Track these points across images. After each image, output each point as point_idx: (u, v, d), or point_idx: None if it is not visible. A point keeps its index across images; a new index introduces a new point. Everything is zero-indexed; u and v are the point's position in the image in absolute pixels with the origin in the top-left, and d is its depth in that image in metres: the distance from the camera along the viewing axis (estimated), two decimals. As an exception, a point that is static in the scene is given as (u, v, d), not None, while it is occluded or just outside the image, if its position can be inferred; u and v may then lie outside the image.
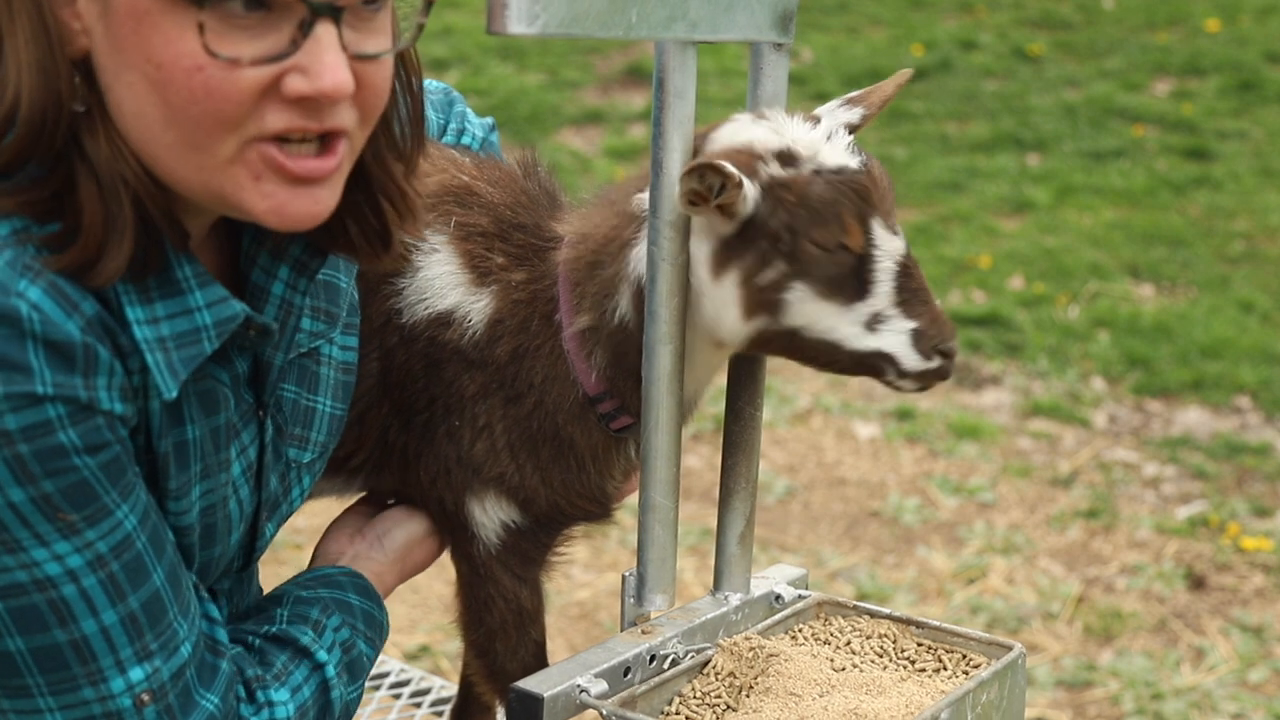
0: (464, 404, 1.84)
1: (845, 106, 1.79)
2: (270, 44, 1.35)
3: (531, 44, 10.30)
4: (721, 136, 1.72)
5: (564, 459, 1.85)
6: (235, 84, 1.34)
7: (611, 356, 1.80)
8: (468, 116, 2.18)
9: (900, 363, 1.69)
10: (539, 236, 1.86)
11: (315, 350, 1.73)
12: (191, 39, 1.33)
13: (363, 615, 1.76)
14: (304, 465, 1.73)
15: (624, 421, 1.84)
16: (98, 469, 1.39)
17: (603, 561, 4.71)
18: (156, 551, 1.47)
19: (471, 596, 1.94)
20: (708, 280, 1.69)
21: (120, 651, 1.44)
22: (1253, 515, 5.14)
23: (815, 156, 1.67)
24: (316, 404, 1.73)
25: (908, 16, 11.31)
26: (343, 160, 1.45)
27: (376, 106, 1.47)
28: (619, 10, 1.48)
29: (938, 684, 1.73)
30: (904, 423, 5.78)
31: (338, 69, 1.36)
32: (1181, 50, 10.38)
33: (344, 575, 1.81)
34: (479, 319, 1.83)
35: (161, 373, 1.43)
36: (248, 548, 1.69)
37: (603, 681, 1.65)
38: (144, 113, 1.37)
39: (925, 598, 4.62)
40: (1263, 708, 4.10)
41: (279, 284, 1.61)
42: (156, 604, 1.47)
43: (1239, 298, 6.86)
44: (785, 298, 1.67)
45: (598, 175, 8.37)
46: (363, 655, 1.74)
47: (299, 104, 1.37)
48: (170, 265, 1.45)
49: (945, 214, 7.89)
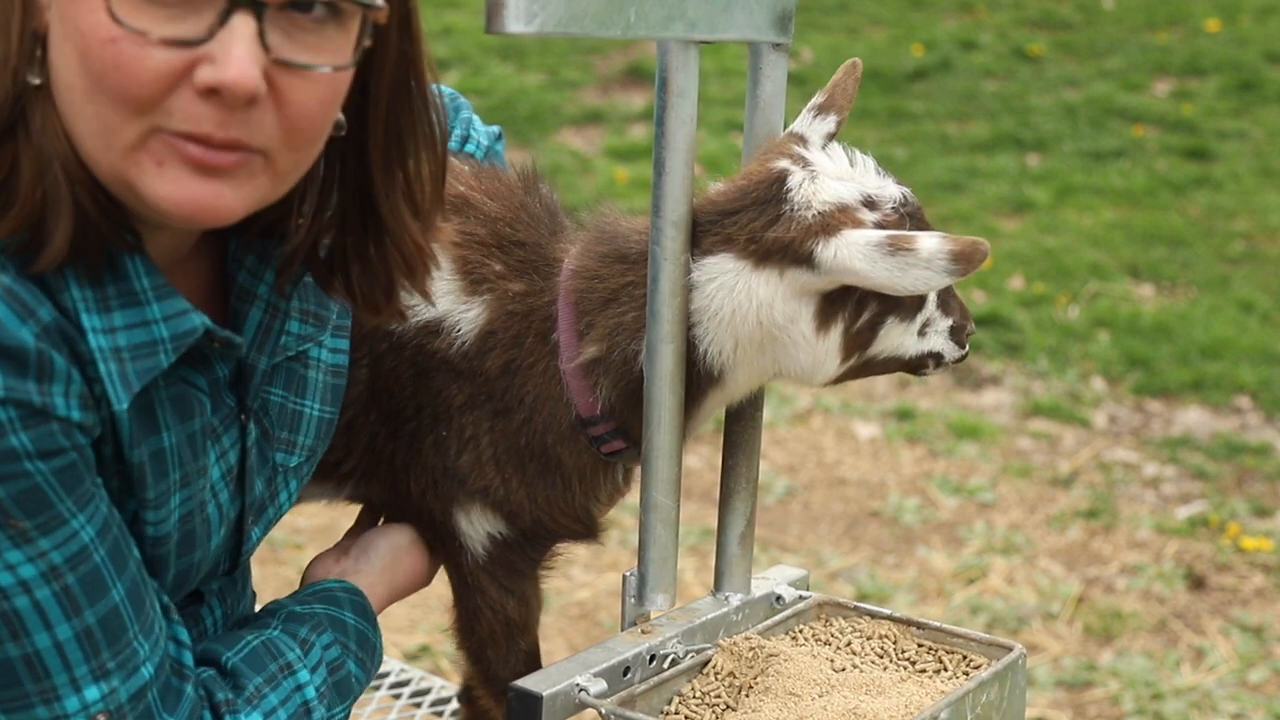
0: (450, 414, 1.82)
1: (819, 117, 1.80)
2: (187, 28, 1.31)
3: (531, 44, 10.31)
4: (814, 198, 1.70)
5: (550, 477, 1.84)
6: (143, 61, 1.31)
7: (623, 392, 1.79)
8: (474, 124, 2.14)
9: (944, 357, 1.81)
10: (539, 255, 1.84)
11: (303, 353, 1.70)
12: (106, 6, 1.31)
13: (356, 635, 1.73)
14: (291, 469, 1.71)
15: (615, 446, 1.83)
16: (51, 475, 1.35)
17: (603, 561, 4.71)
18: (117, 567, 1.42)
19: (461, 606, 1.94)
20: (810, 337, 1.71)
21: (75, 669, 1.39)
22: (1253, 515, 5.14)
23: (883, 191, 1.73)
24: (304, 408, 1.70)
25: (908, 16, 11.31)
26: (251, 165, 1.38)
27: (302, 128, 1.40)
28: (617, 9, 1.48)
29: (938, 684, 1.73)
30: (904, 423, 5.78)
31: (244, 62, 1.31)
32: (1181, 50, 10.38)
33: (343, 591, 1.78)
34: (469, 328, 1.81)
35: (114, 383, 1.40)
36: (233, 551, 1.66)
37: (602, 681, 1.65)
38: (72, 85, 1.34)
39: (925, 598, 4.62)
40: (1263, 708, 4.10)
41: (264, 286, 1.59)
42: (115, 621, 1.42)
43: (1239, 298, 6.86)
44: (877, 332, 1.74)
45: (598, 175, 8.37)
46: (351, 676, 1.70)
47: (208, 100, 1.33)
48: (128, 274, 1.43)
49: (945, 214, 7.89)
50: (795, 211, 1.69)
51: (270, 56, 1.34)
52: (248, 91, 1.32)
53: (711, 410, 1.84)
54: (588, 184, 8.20)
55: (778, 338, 1.71)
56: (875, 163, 1.77)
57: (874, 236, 1.64)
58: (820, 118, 1.79)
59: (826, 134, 1.78)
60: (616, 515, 1.99)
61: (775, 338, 1.71)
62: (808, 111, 1.80)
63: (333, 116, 1.45)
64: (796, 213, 1.69)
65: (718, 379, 1.77)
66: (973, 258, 1.62)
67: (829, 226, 1.66)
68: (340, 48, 1.40)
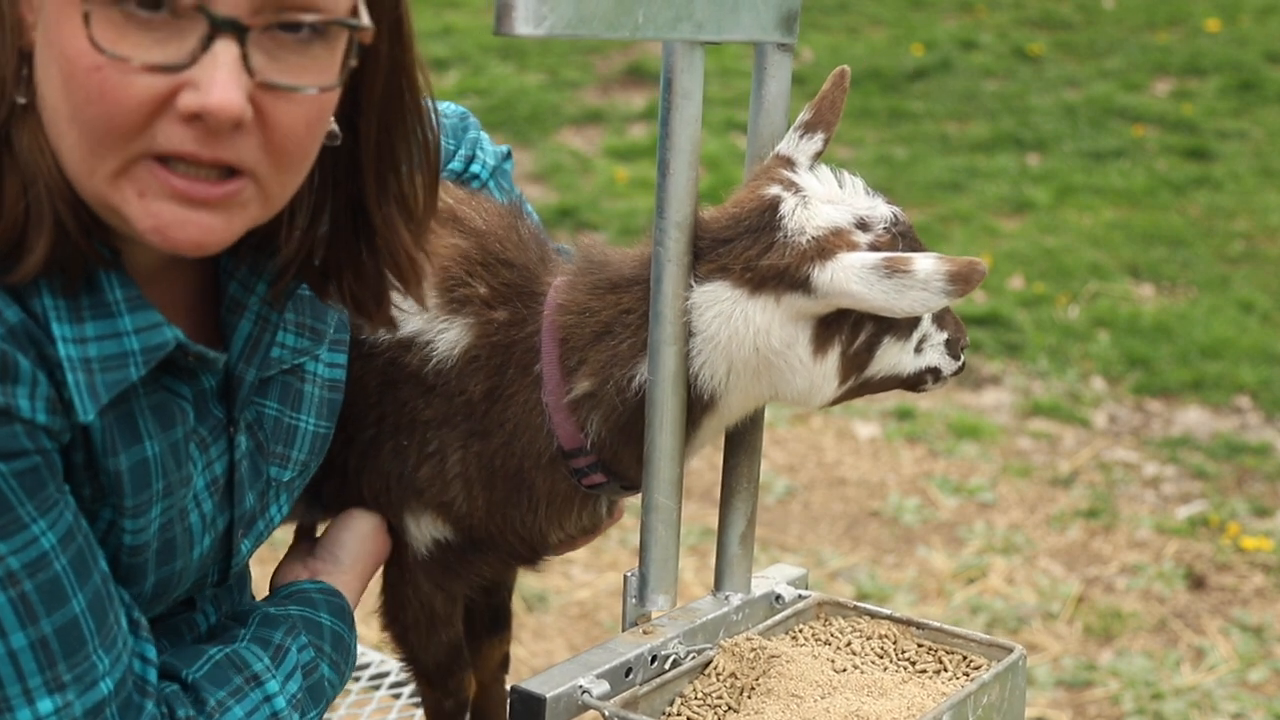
0: (415, 427, 1.82)
1: (805, 136, 1.79)
2: (170, 53, 1.30)
3: (532, 44, 10.30)
4: (807, 224, 1.70)
5: (518, 498, 1.84)
6: (127, 89, 1.30)
7: (615, 426, 1.78)
8: (481, 143, 2.11)
9: (942, 372, 1.80)
10: (525, 280, 1.83)
11: (299, 367, 1.68)
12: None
13: (331, 637, 1.71)
14: (283, 484, 1.69)
15: (596, 480, 1.83)
16: (11, 477, 1.33)
17: (603, 561, 4.71)
18: (79, 577, 1.39)
19: (391, 592, 1.97)
20: (808, 361, 1.71)
21: (29, 679, 1.35)
22: (1253, 515, 5.14)
23: (874, 211, 1.72)
24: (299, 422, 1.69)
25: (908, 16, 11.31)
26: (242, 195, 1.37)
27: (290, 150, 1.38)
28: (625, 11, 1.48)
29: (939, 685, 1.73)
30: (904, 423, 5.79)
31: (227, 88, 1.29)
32: (1181, 50, 10.38)
33: (319, 592, 1.76)
34: (446, 348, 1.80)
35: (81, 394, 1.38)
36: (222, 564, 1.64)
37: (604, 682, 1.65)
38: (57, 108, 1.34)
39: (925, 598, 4.62)
40: (1263, 708, 4.10)
41: (255, 298, 1.58)
42: (74, 632, 1.38)
43: (1239, 298, 6.86)
44: (874, 352, 1.74)
45: (598, 175, 8.37)
46: (324, 680, 1.67)
47: (192, 125, 1.32)
48: (101, 286, 1.42)
49: (945, 214, 7.89)
50: (789, 238, 1.69)
51: (255, 80, 1.32)
52: (231, 117, 1.31)
53: (708, 435, 1.82)
54: (588, 184, 8.20)
55: (774, 363, 1.71)
56: (864, 183, 1.76)
57: (870, 259, 1.64)
58: (807, 137, 1.78)
59: (814, 154, 1.77)
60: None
61: (772, 363, 1.71)
62: (794, 131, 1.79)
63: (320, 136, 1.43)
64: (790, 239, 1.69)
65: (711, 404, 1.76)
66: (970, 278, 1.62)
67: (824, 251, 1.66)
68: (326, 67, 1.38)
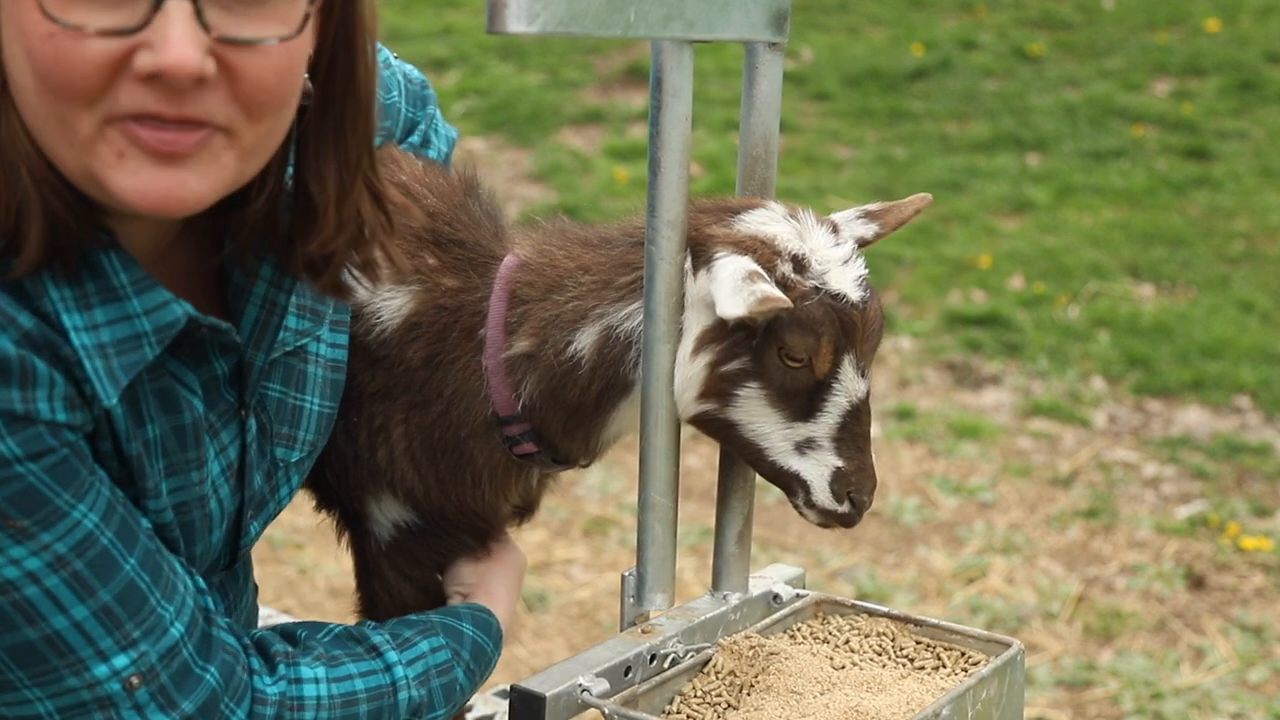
0: (362, 401, 1.82)
1: (863, 220, 1.80)
2: (122, 17, 1.31)
3: (531, 44, 10.31)
4: (751, 221, 1.72)
5: (461, 472, 1.85)
6: (81, 54, 1.30)
7: (547, 389, 1.78)
8: (436, 121, 2.12)
9: (813, 493, 1.72)
10: (478, 253, 1.83)
11: (302, 348, 1.70)
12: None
13: (472, 646, 1.75)
14: (292, 464, 1.72)
15: (527, 449, 1.83)
16: (43, 474, 1.38)
17: (603, 561, 4.71)
18: (126, 544, 1.45)
19: (363, 590, 1.98)
20: (686, 355, 1.70)
21: (99, 642, 1.44)
22: (1253, 515, 5.14)
23: (825, 274, 1.69)
24: (304, 403, 1.71)
25: (908, 16, 11.31)
26: (212, 144, 1.37)
27: (262, 101, 1.38)
28: (617, 9, 1.49)
29: (938, 681, 1.73)
30: (904, 422, 5.79)
31: (183, 45, 1.30)
32: (1181, 50, 10.38)
33: (467, 608, 1.81)
34: (390, 316, 1.81)
35: (100, 380, 1.42)
36: (232, 545, 1.68)
37: (604, 681, 1.66)
38: (24, 85, 1.35)
39: (925, 597, 4.63)
40: (1263, 708, 4.10)
41: (262, 283, 1.59)
42: (133, 594, 1.45)
43: (1239, 298, 6.86)
44: (738, 392, 1.70)
45: (598, 175, 8.37)
46: (457, 685, 1.72)
47: (151, 85, 1.32)
48: (105, 270, 1.43)
49: (945, 214, 7.89)
50: (736, 224, 1.71)
51: (212, 35, 1.33)
52: (189, 74, 1.31)
53: (623, 419, 1.81)
54: (588, 184, 8.20)
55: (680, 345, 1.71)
56: (865, 277, 1.72)
57: (744, 265, 1.63)
58: (864, 221, 1.80)
59: (859, 236, 1.77)
60: (615, 515, 2.00)
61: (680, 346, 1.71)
62: (856, 211, 1.81)
63: (296, 84, 1.43)
64: (736, 225, 1.70)
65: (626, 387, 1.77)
66: (766, 301, 1.59)
67: (742, 246, 1.67)
68: (286, 16, 1.38)
